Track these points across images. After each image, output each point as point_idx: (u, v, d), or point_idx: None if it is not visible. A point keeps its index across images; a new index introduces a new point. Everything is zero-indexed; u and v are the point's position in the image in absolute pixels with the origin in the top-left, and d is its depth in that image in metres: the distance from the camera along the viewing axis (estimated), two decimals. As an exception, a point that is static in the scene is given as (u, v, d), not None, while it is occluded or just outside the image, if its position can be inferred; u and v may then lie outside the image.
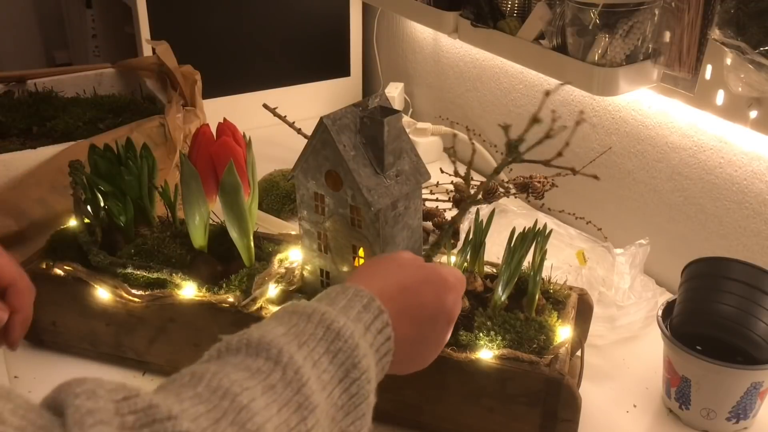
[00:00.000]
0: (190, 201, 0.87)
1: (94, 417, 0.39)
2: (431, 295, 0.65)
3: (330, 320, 0.54)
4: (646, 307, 1.00)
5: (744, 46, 0.82)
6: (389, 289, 0.62)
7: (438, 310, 0.65)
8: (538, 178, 1.21)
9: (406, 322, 0.62)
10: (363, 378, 0.53)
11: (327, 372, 0.51)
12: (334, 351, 0.53)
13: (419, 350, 0.65)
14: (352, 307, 0.58)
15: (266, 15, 1.61)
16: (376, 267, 0.66)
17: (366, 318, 0.58)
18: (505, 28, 1.12)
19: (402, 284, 0.64)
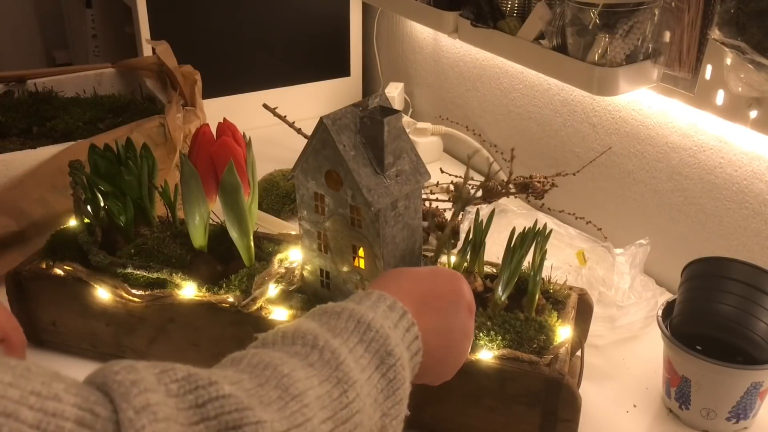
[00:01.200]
0: (190, 201, 0.87)
1: (138, 387, 0.40)
2: (446, 285, 0.66)
3: (360, 314, 0.55)
4: (646, 307, 1.00)
5: (744, 46, 0.82)
6: (407, 290, 0.63)
7: (457, 296, 0.67)
8: (538, 178, 1.21)
9: (429, 315, 0.62)
10: (398, 364, 0.54)
11: (363, 358, 0.52)
12: (368, 341, 0.54)
13: (449, 342, 0.65)
14: (378, 306, 0.58)
15: (266, 15, 1.61)
16: (388, 277, 0.67)
17: (393, 316, 0.58)
18: (505, 28, 1.12)
19: (417, 280, 0.65)
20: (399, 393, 0.54)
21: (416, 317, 0.60)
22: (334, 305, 0.58)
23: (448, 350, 0.66)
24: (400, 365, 0.54)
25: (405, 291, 0.63)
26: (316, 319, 0.56)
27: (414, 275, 0.67)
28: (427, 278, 0.67)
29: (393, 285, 0.64)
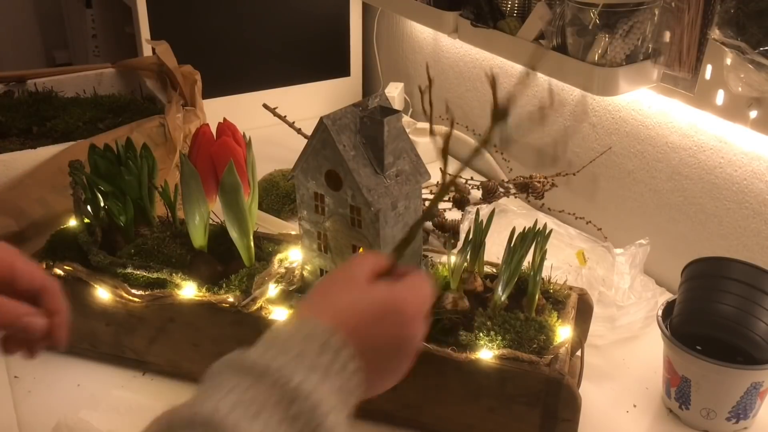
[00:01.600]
0: (190, 201, 0.87)
1: None
2: (392, 329, 0.59)
3: (285, 379, 0.49)
4: (646, 307, 1.00)
5: (744, 46, 0.82)
6: (346, 317, 0.56)
7: (397, 345, 0.59)
8: (538, 178, 1.22)
9: (365, 359, 0.55)
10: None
11: None
12: (294, 415, 0.47)
13: (376, 381, 0.58)
14: (308, 353, 0.51)
15: (266, 15, 1.61)
16: (330, 290, 0.60)
17: (325, 361, 0.51)
18: (505, 28, 1.12)
19: (360, 316, 0.57)
20: None
21: (350, 336, 0.54)
22: (255, 359, 0.50)
23: (372, 389, 0.58)
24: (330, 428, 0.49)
25: (344, 322, 0.55)
26: (235, 386, 0.48)
27: (360, 308, 0.58)
28: (372, 320, 0.58)
29: (331, 306, 0.57)
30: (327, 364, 0.51)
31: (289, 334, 0.53)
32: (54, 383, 0.91)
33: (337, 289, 0.60)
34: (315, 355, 0.51)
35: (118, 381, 0.92)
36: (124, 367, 0.94)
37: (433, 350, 0.78)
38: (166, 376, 0.93)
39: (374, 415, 0.86)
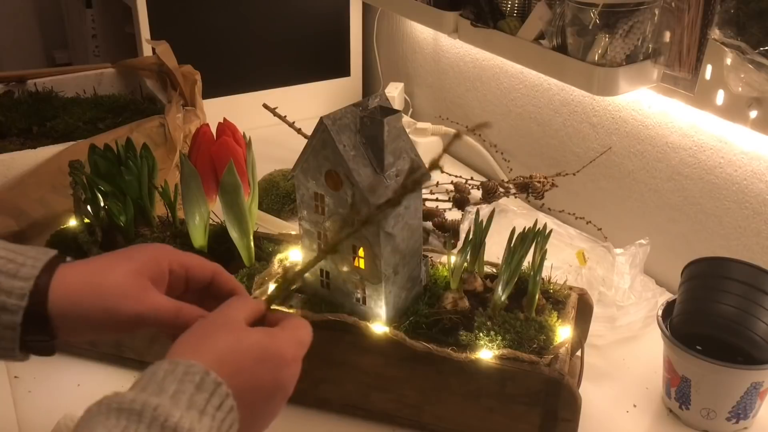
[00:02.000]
0: (190, 201, 0.87)
1: None
2: (267, 375, 0.58)
3: (164, 417, 0.48)
4: (646, 307, 1.00)
5: (744, 46, 0.82)
6: (224, 359, 0.56)
7: (275, 389, 0.59)
8: (538, 178, 1.22)
9: (242, 401, 0.55)
10: None
11: None
12: None
13: (250, 424, 0.58)
14: (184, 391, 0.51)
15: (266, 15, 1.61)
16: (207, 332, 0.59)
17: (200, 400, 0.51)
18: (505, 28, 1.12)
19: (238, 358, 0.56)
20: None
21: (228, 378, 0.54)
22: (134, 399, 0.49)
23: (265, 405, 0.59)
24: None
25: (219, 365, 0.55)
26: (113, 426, 0.48)
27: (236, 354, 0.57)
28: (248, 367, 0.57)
29: (208, 349, 0.56)
30: (204, 402, 0.51)
31: (165, 373, 0.52)
32: (54, 383, 0.91)
33: (214, 332, 0.58)
34: (192, 393, 0.51)
35: (118, 381, 0.92)
36: (124, 367, 0.94)
37: (433, 350, 0.78)
38: (166, 376, 0.93)
39: (374, 415, 0.86)
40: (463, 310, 0.83)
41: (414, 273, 0.85)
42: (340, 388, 0.86)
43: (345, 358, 0.83)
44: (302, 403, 0.88)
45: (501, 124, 1.42)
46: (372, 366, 0.83)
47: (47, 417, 0.84)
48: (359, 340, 0.82)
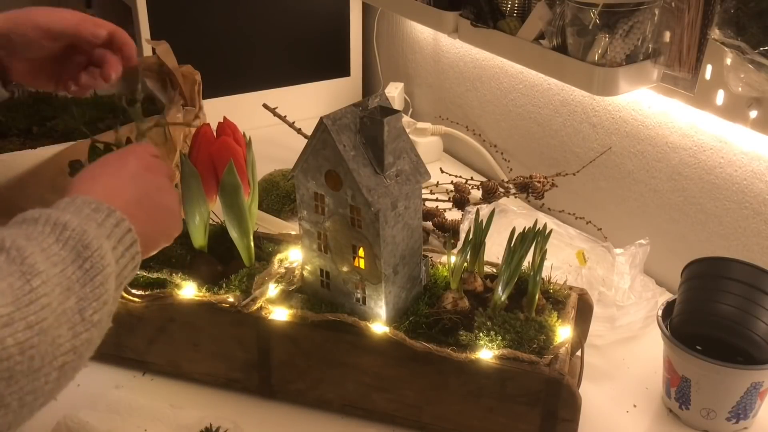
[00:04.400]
0: (191, 201, 0.87)
1: None
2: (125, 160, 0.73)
3: (56, 218, 0.60)
4: (646, 307, 1.00)
5: (744, 46, 0.82)
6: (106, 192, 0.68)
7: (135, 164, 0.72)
8: (538, 178, 1.22)
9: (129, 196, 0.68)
10: (95, 254, 0.59)
11: (57, 255, 0.57)
12: (64, 239, 0.59)
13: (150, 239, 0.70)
14: (82, 210, 0.63)
15: (266, 15, 1.61)
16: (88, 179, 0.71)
17: (97, 217, 0.63)
18: (505, 28, 1.12)
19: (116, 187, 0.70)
20: (98, 279, 0.59)
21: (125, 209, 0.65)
22: (33, 211, 0.61)
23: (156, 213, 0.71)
24: (98, 255, 0.60)
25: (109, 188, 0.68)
26: (15, 227, 0.59)
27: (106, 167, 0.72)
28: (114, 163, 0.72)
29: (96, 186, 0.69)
30: (100, 219, 0.63)
31: (66, 203, 0.64)
32: (54, 383, 0.91)
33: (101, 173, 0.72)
34: (89, 213, 0.63)
35: (118, 381, 0.92)
36: (124, 367, 0.94)
37: (433, 350, 0.78)
38: (166, 376, 0.93)
39: (374, 415, 0.86)
40: (463, 310, 0.83)
41: (414, 273, 0.85)
42: (340, 388, 0.86)
43: (345, 358, 0.83)
44: (302, 403, 0.88)
45: (501, 124, 1.42)
46: (372, 366, 0.83)
47: (47, 417, 0.84)
48: (359, 340, 0.82)
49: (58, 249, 0.58)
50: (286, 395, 0.89)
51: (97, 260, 0.60)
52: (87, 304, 0.58)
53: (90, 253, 0.59)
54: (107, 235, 0.62)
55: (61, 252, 0.58)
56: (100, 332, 0.60)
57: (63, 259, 0.58)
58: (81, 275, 0.58)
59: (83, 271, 0.58)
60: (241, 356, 0.88)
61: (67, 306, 0.56)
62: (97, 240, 0.60)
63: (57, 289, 0.56)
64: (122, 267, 0.64)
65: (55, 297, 0.55)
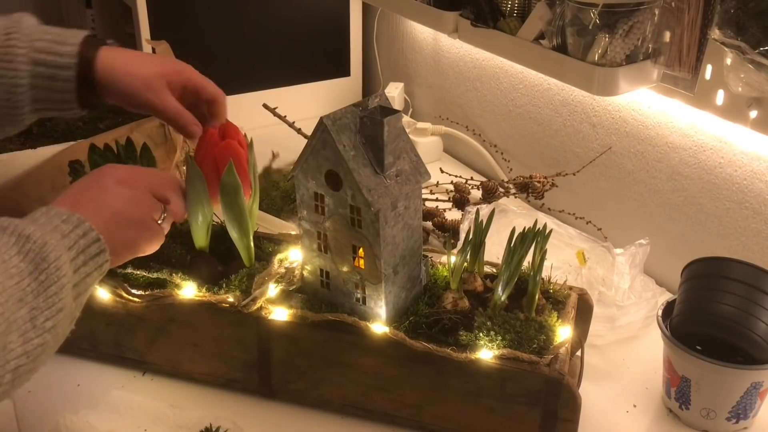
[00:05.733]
0: (195, 202, 0.86)
1: None
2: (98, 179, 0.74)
3: (21, 229, 0.63)
4: (646, 307, 1.00)
5: (744, 46, 0.82)
6: (77, 202, 0.71)
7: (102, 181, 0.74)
8: (538, 178, 1.22)
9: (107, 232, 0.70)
10: (52, 267, 0.63)
11: (16, 267, 0.61)
12: (25, 252, 0.62)
13: (120, 249, 0.73)
14: (51, 221, 0.66)
15: (266, 15, 1.61)
16: (73, 195, 0.73)
17: (63, 228, 0.66)
18: (505, 28, 1.12)
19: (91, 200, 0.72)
20: (52, 289, 0.63)
21: (94, 219, 0.68)
22: (4, 220, 0.64)
23: (127, 226, 0.73)
24: (54, 267, 0.63)
25: (81, 200, 0.71)
26: None
27: (82, 182, 0.74)
28: (89, 179, 0.74)
29: (68, 199, 0.71)
30: (66, 230, 0.66)
31: (40, 213, 0.67)
32: (54, 383, 0.91)
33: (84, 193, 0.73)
34: (57, 224, 0.66)
35: (118, 381, 0.92)
36: (124, 367, 0.94)
37: (433, 350, 0.78)
38: (166, 376, 0.93)
39: (374, 415, 0.86)
40: (463, 310, 0.83)
41: (414, 273, 0.85)
42: (340, 388, 0.86)
43: (345, 358, 0.83)
44: (302, 403, 0.88)
45: (501, 124, 1.42)
46: (372, 366, 0.83)
47: (47, 417, 0.84)
48: (359, 340, 0.82)
49: (18, 261, 0.62)
50: (286, 395, 0.89)
51: (53, 272, 0.63)
52: (39, 313, 0.62)
53: (47, 266, 0.63)
54: (69, 246, 0.66)
55: (20, 264, 0.62)
56: (54, 337, 0.64)
57: (21, 271, 0.61)
58: (36, 286, 0.62)
59: (38, 282, 0.62)
60: (241, 356, 0.88)
61: (19, 315, 0.60)
62: (56, 252, 0.64)
63: (11, 300, 0.60)
64: (85, 275, 0.67)
65: (8, 307, 0.59)
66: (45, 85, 0.81)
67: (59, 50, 0.80)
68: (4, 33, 0.79)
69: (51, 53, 0.80)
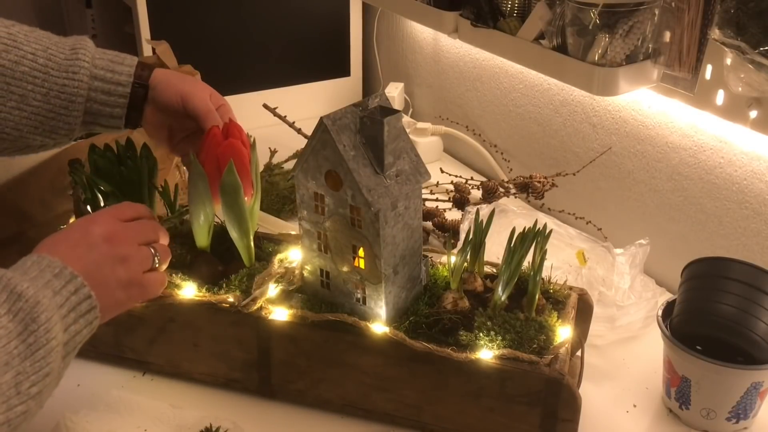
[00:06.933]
0: (197, 201, 0.86)
1: None
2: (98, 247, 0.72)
3: (13, 285, 0.62)
4: (646, 307, 1.00)
5: (744, 46, 0.82)
6: (71, 256, 0.69)
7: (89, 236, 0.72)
8: (538, 178, 1.22)
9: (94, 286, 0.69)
10: (41, 329, 0.61)
11: (4, 328, 0.60)
12: (15, 311, 0.61)
13: (110, 306, 0.72)
14: (44, 275, 0.65)
15: (266, 15, 1.61)
16: (58, 242, 0.72)
17: (56, 284, 0.65)
18: (505, 28, 1.12)
19: (82, 254, 0.71)
20: (40, 353, 0.61)
21: (85, 275, 0.67)
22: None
23: (114, 284, 0.72)
24: (44, 329, 0.62)
25: (70, 252, 0.69)
26: None
27: (70, 232, 0.72)
28: (78, 230, 0.73)
29: (59, 248, 0.70)
30: (58, 286, 0.65)
31: (32, 263, 0.66)
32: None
33: (67, 238, 0.72)
34: (50, 278, 0.65)
35: (118, 381, 0.92)
36: (124, 367, 0.94)
37: (433, 350, 0.78)
38: (166, 376, 0.93)
39: (374, 415, 0.86)
40: (463, 310, 0.83)
41: (414, 273, 0.85)
42: (340, 388, 0.86)
43: (345, 358, 0.83)
44: (302, 403, 0.88)
45: (501, 124, 1.42)
46: (372, 366, 0.83)
47: (47, 417, 0.84)
48: (359, 340, 0.82)
49: (7, 321, 0.60)
50: (286, 395, 0.89)
51: (42, 334, 0.62)
52: (25, 378, 0.60)
53: (36, 327, 0.61)
54: (61, 304, 0.65)
55: (9, 324, 0.60)
56: (38, 403, 0.62)
57: (9, 332, 0.60)
58: (23, 349, 0.60)
59: (26, 345, 0.61)
60: (241, 356, 0.88)
61: (3, 380, 0.58)
62: (48, 312, 0.63)
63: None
64: (75, 333, 0.67)
65: None
66: (99, 99, 0.86)
67: (117, 69, 0.87)
68: (71, 48, 0.85)
69: (109, 71, 0.86)
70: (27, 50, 0.83)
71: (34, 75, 0.83)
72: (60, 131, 0.86)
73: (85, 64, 0.85)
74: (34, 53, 0.83)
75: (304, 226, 0.84)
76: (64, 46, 0.86)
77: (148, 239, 0.78)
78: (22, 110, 0.83)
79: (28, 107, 0.83)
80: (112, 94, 0.86)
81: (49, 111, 0.84)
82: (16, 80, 0.82)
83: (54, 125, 0.85)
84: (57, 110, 0.84)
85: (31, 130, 0.84)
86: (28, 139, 0.85)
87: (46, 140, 0.86)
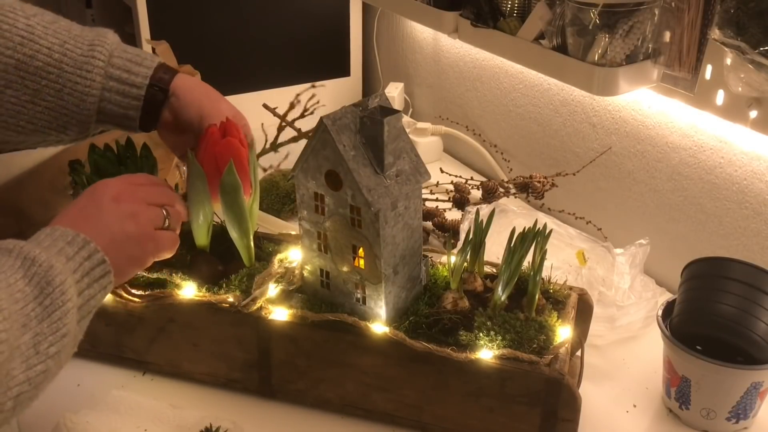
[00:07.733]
0: (196, 201, 0.86)
1: None
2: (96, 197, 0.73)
3: (26, 252, 0.63)
4: (646, 307, 1.00)
5: (744, 46, 0.82)
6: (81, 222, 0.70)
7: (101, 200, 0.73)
8: (538, 178, 1.22)
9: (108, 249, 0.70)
10: (57, 291, 0.63)
11: (21, 291, 0.61)
12: (30, 275, 0.62)
13: (125, 267, 0.73)
14: (56, 244, 0.66)
15: (266, 15, 1.61)
16: (73, 214, 0.72)
17: (69, 251, 0.66)
18: (505, 28, 1.12)
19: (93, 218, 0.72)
20: (56, 314, 0.62)
21: (97, 240, 0.68)
22: (8, 242, 0.65)
23: (126, 242, 0.73)
24: (60, 291, 0.63)
25: (81, 220, 0.70)
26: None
27: (78, 202, 0.73)
28: (84, 199, 0.73)
29: (69, 218, 0.71)
30: (71, 253, 0.66)
31: (45, 235, 0.67)
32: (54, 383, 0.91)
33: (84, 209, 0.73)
34: (62, 246, 0.66)
35: (118, 381, 0.92)
36: (124, 367, 0.94)
37: (433, 350, 0.78)
38: (166, 376, 0.93)
39: (374, 415, 0.86)
40: (463, 310, 0.83)
41: (414, 273, 0.85)
42: (340, 388, 0.86)
43: (345, 358, 0.83)
44: (302, 403, 0.88)
45: (501, 124, 1.42)
46: (372, 366, 0.83)
47: (47, 417, 0.84)
48: (359, 340, 0.82)
49: (23, 285, 0.61)
50: (286, 395, 0.89)
51: (58, 296, 0.63)
52: (43, 339, 0.61)
53: (52, 290, 0.62)
54: (74, 269, 0.66)
55: (25, 288, 0.61)
56: (57, 363, 0.64)
57: (26, 295, 0.61)
58: (40, 312, 0.61)
59: (43, 307, 0.62)
60: (241, 356, 0.88)
61: (22, 341, 0.60)
62: (62, 276, 0.64)
63: (15, 326, 0.59)
64: (89, 297, 0.67)
65: (12, 333, 0.58)
66: (113, 99, 0.84)
67: (134, 69, 0.85)
68: (89, 44, 0.83)
69: (126, 71, 0.84)
70: (43, 44, 0.81)
71: (48, 70, 0.81)
72: (73, 128, 0.85)
73: (100, 63, 0.83)
74: (50, 48, 0.81)
75: (304, 226, 0.84)
76: (83, 41, 0.83)
77: (159, 201, 0.77)
78: (36, 104, 0.82)
79: (42, 102, 0.82)
80: (126, 95, 0.85)
81: (62, 107, 0.83)
82: (30, 74, 0.81)
83: (66, 122, 0.84)
84: (70, 107, 0.83)
85: (45, 125, 0.83)
86: (43, 133, 0.84)
87: (61, 136, 0.86)
